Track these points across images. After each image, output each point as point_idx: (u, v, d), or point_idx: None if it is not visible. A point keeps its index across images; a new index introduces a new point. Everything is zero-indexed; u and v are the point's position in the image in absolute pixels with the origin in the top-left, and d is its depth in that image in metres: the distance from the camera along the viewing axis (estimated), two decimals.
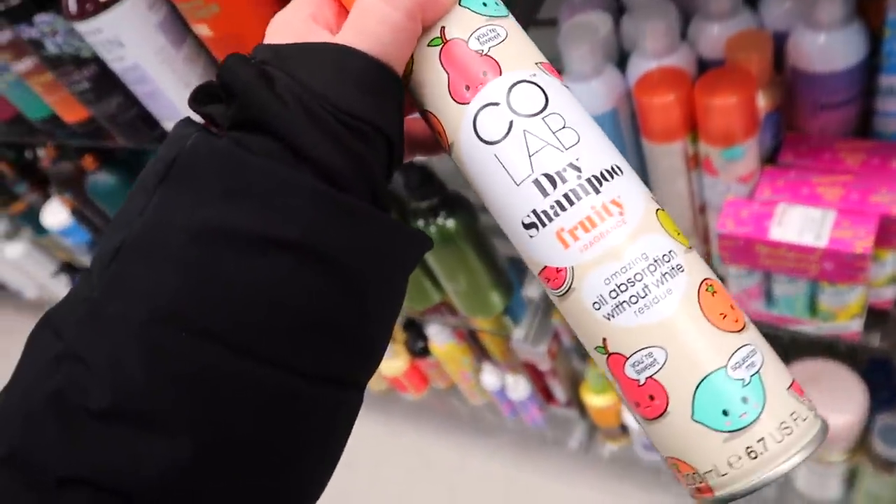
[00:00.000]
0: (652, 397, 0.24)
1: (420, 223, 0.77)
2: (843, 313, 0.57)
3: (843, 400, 0.76)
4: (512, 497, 1.23)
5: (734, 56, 0.56)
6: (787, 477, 0.91)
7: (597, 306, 0.25)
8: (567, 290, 0.25)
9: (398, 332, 1.19)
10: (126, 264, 0.21)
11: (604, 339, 0.25)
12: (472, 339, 1.09)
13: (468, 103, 0.25)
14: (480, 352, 1.10)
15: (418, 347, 1.16)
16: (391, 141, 0.24)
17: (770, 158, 0.61)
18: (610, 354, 0.25)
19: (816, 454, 0.24)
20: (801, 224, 0.54)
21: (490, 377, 1.09)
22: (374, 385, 1.30)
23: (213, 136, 0.22)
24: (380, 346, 0.26)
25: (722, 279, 0.65)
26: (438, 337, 1.07)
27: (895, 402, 0.80)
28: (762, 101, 0.58)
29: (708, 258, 0.69)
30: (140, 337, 0.20)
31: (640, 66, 0.60)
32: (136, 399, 0.20)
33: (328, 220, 0.22)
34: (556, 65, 0.61)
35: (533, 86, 0.26)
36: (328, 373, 0.23)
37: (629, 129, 0.64)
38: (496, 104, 0.25)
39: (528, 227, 0.25)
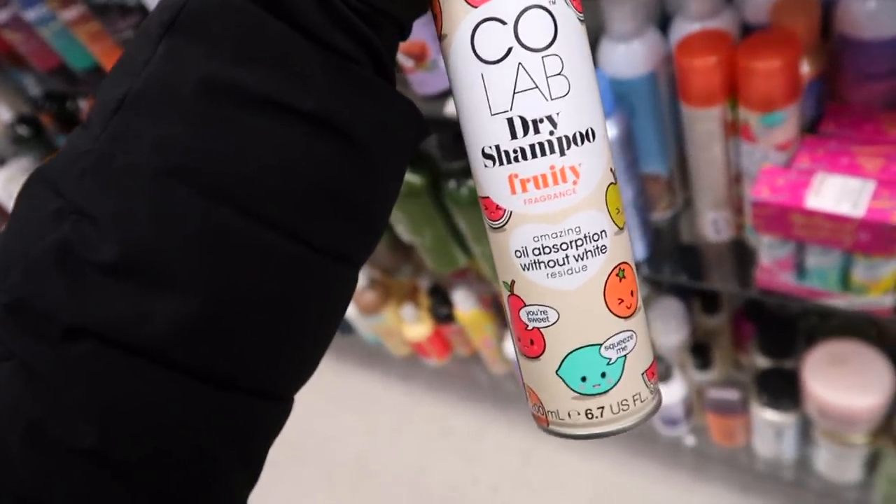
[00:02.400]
0: (532, 342, 0.27)
1: (452, 184, 0.77)
2: (877, 287, 0.57)
3: (869, 382, 0.75)
4: (529, 468, 1.24)
5: (780, 20, 0.55)
6: (804, 459, 0.90)
7: (518, 254, 0.26)
8: (499, 228, 0.26)
9: (423, 297, 1.20)
10: (132, 116, 0.20)
11: (512, 281, 0.27)
12: (496, 307, 1.10)
13: (476, 7, 0.24)
14: (504, 320, 1.10)
15: (443, 313, 1.16)
16: (402, 25, 0.24)
17: (810, 128, 0.60)
18: (512, 294, 0.27)
19: (639, 428, 0.28)
20: (838, 193, 0.54)
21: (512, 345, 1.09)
22: (397, 349, 1.31)
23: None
24: (380, 226, 0.25)
25: (754, 249, 0.64)
26: (464, 303, 1.07)
27: None
28: (806, 68, 0.57)
29: (740, 228, 0.68)
30: (149, 190, 0.20)
31: (682, 29, 0.60)
32: (144, 254, 0.20)
33: (344, 93, 0.22)
34: (598, 24, 0.60)
35: (547, 15, 0.24)
36: (334, 244, 0.23)
37: (667, 93, 0.63)
38: (503, 23, 0.24)
39: (486, 156, 0.25)
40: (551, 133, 0.25)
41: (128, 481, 0.21)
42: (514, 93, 0.24)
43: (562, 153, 0.25)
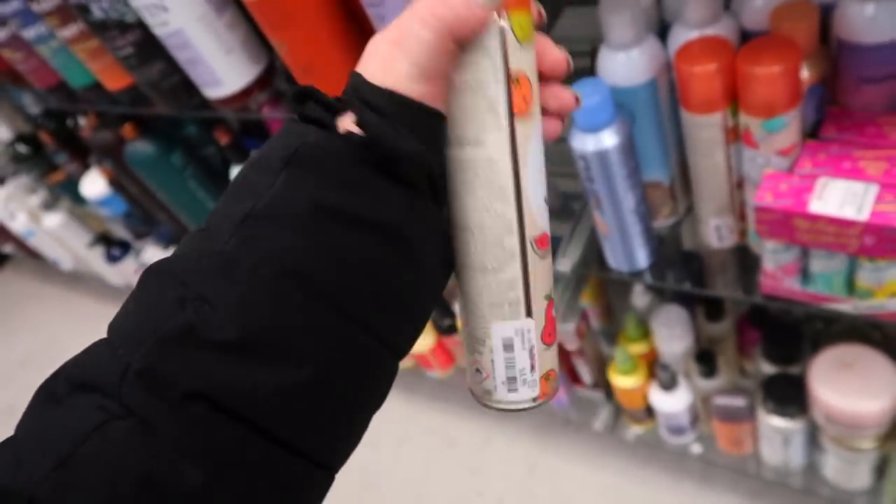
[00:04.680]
0: (550, 333, 0.33)
1: None
2: (882, 291, 0.56)
3: (875, 386, 0.74)
4: (535, 479, 1.23)
5: (779, 26, 0.55)
6: (812, 466, 0.89)
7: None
8: (544, 254, 0.32)
9: None
10: (257, 227, 0.26)
11: (551, 291, 0.33)
12: None
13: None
14: None
15: (445, 325, 1.16)
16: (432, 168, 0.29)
17: (812, 133, 0.60)
18: (551, 300, 0.32)
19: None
20: (842, 197, 0.53)
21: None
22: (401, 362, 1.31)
23: (332, 135, 0.27)
24: (424, 323, 0.31)
25: (758, 255, 0.64)
26: None
27: None
28: (806, 73, 0.57)
29: (743, 234, 0.68)
30: (269, 287, 0.25)
31: (681, 36, 0.60)
32: (261, 334, 0.25)
33: (411, 215, 0.28)
34: (598, 34, 0.60)
35: None
36: (395, 337, 0.29)
37: (667, 101, 0.63)
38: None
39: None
40: None
41: None
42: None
43: None
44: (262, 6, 0.65)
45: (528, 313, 0.31)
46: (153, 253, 1.54)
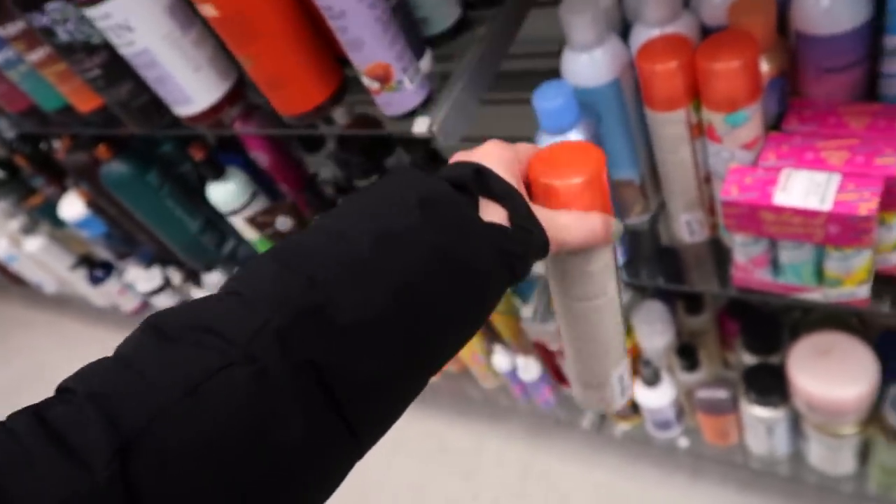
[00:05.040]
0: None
1: None
2: (850, 279, 0.57)
3: (855, 372, 0.75)
4: (528, 480, 1.23)
5: (737, 20, 0.56)
6: (797, 454, 0.90)
7: None
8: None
9: None
10: (389, 245, 0.32)
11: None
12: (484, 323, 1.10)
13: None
14: (491, 334, 1.10)
15: None
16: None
17: (775, 125, 0.60)
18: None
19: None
20: (805, 188, 0.54)
21: (501, 359, 1.09)
22: None
23: (462, 195, 0.34)
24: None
25: (730, 248, 0.65)
26: None
27: None
28: (766, 66, 0.58)
29: (715, 228, 0.69)
30: (396, 286, 0.31)
31: (642, 35, 0.60)
32: (372, 328, 0.30)
33: (504, 264, 0.34)
34: (559, 36, 0.61)
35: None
36: (452, 352, 0.36)
37: (632, 99, 0.64)
38: None
39: None
40: None
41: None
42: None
43: None
44: (225, 23, 0.65)
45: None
46: (136, 273, 1.53)
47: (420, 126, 0.65)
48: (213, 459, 0.26)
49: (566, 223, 0.37)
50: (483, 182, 0.35)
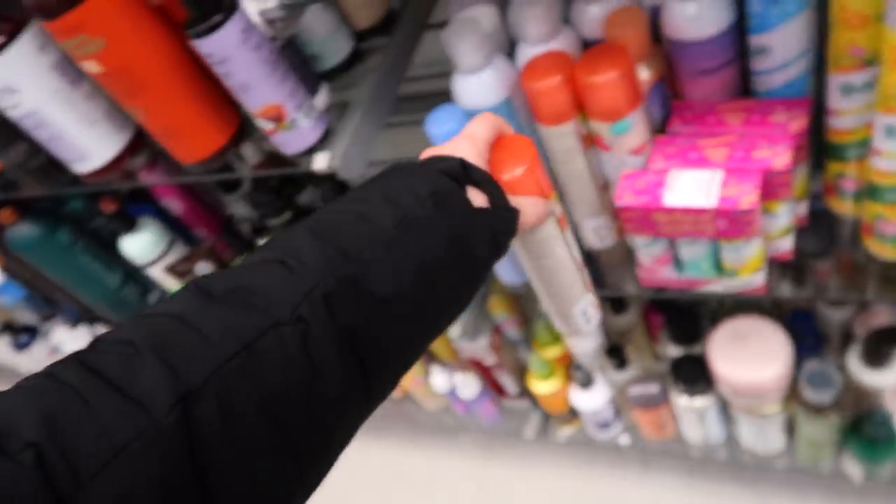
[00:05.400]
0: None
1: None
2: (746, 268, 0.60)
3: (771, 352, 0.78)
4: (484, 495, 1.23)
5: (612, 33, 0.58)
6: (731, 438, 0.93)
7: None
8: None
9: None
10: (410, 229, 0.36)
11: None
12: None
13: None
14: (428, 356, 1.10)
15: None
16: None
17: (661, 128, 0.63)
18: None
19: None
20: (691, 188, 0.56)
21: (439, 379, 1.09)
22: None
23: (459, 187, 0.39)
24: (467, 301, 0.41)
25: (631, 249, 0.66)
26: None
27: (818, 348, 0.83)
28: (645, 74, 0.60)
29: (622, 231, 0.71)
30: (417, 264, 0.35)
31: (527, 53, 0.62)
32: (403, 298, 0.35)
33: (493, 243, 0.40)
34: (446, 60, 0.62)
35: None
36: (460, 309, 0.40)
37: (526, 116, 0.65)
38: None
39: None
40: None
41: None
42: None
43: None
44: (110, 78, 0.63)
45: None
46: (63, 334, 1.48)
47: (320, 162, 0.65)
48: (267, 409, 0.29)
49: (522, 207, 0.43)
50: (468, 173, 0.40)
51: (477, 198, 0.40)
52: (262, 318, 0.31)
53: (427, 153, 0.43)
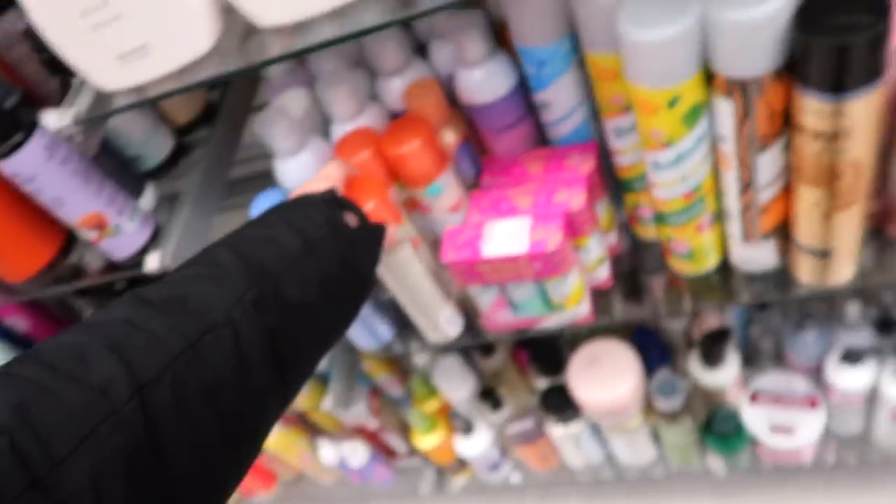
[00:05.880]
0: None
1: None
2: (570, 301, 0.64)
3: (622, 371, 0.83)
4: None
5: (413, 104, 0.62)
6: (610, 456, 0.97)
7: None
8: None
9: None
10: (313, 249, 0.43)
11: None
12: (302, 421, 1.09)
13: None
14: (312, 429, 1.09)
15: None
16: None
17: (475, 183, 0.67)
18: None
19: None
20: (505, 237, 0.60)
21: (328, 452, 1.08)
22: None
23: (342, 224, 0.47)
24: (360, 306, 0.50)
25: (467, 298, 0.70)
26: None
27: (666, 359, 0.90)
28: (450, 137, 0.64)
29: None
30: (320, 278, 0.43)
31: (339, 131, 0.65)
32: (308, 303, 0.42)
33: (374, 256, 0.50)
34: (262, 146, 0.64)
35: None
36: (353, 314, 0.49)
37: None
38: None
39: None
40: None
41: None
42: None
43: None
44: None
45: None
46: None
47: (152, 263, 0.65)
48: (211, 398, 0.34)
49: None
50: (340, 201, 0.48)
51: (350, 220, 0.48)
52: (202, 321, 0.36)
53: (296, 193, 0.50)
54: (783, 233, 0.59)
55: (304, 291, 0.41)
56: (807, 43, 0.43)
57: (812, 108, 0.46)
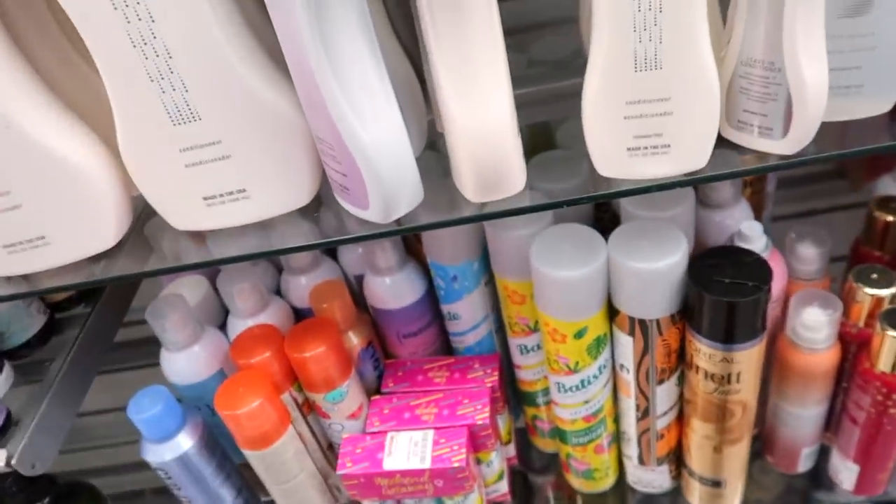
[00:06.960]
0: None
1: None
2: None
3: None
4: None
5: (318, 306, 0.61)
6: None
7: None
8: None
9: None
10: None
11: None
12: None
13: None
14: None
15: None
16: None
17: (376, 388, 0.65)
18: None
19: None
20: (407, 449, 0.58)
21: None
22: None
23: None
24: None
25: None
26: None
27: None
28: (354, 340, 0.63)
29: None
30: None
31: (236, 327, 0.62)
32: None
33: None
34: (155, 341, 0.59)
35: None
36: None
37: None
38: None
39: None
40: None
41: None
42: None
43: None
44: None
45: None
46: None
47: None
48: None
49: None
50: None
51: None
52: None
53: None
54: (678, 459, 0.60)
55: None
56: (700, 297, 0.47)
57: (705, 352, 0.49)
